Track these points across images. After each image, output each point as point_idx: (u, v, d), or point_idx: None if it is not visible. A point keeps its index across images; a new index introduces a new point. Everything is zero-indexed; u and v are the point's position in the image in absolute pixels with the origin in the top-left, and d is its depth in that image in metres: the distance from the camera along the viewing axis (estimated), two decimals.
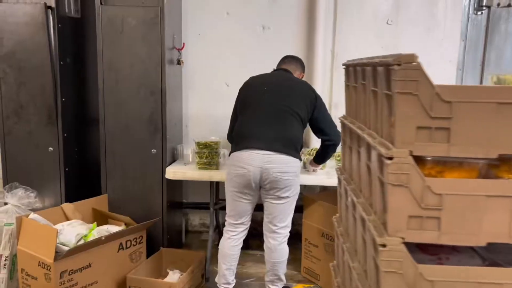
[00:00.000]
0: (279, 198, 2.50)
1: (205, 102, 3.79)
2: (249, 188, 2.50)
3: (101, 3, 2.88)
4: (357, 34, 3.66)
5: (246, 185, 2.49)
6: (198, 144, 2.95)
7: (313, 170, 2.99)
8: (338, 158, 3.17)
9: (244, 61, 3.73)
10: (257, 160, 2.43)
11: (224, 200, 2.72)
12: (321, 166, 3.00)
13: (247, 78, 3.71)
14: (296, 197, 2.60)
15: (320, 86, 3.63)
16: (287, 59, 2.85)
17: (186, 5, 3.60)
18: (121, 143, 3.02)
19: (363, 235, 1.21)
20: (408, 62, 0.98)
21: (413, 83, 0.95)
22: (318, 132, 2.68)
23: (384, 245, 0.95)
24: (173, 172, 2.96)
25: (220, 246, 2.71)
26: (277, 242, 2.60)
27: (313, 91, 2.67)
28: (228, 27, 3.70)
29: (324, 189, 3.64)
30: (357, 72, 1.40)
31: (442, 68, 3.69)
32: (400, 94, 0.93)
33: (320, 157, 2.85)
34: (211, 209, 3.18)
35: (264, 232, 2.65)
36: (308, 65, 3.68)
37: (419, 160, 0.91)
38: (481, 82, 3.77)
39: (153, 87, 2.95)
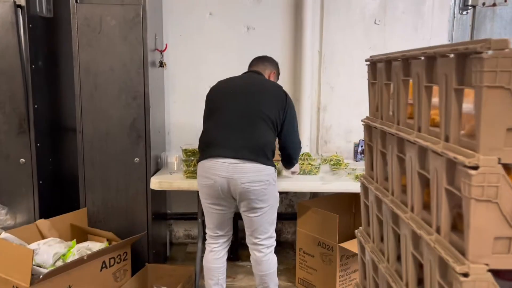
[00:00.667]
0: (254, 209, 2.30)
1: (188, 106, 3.60)
2: (220, 198, 2.30)
3: (76, 1, 2.66)
4: (344, 34, 3.56)
5: (216, 196, 2.29)
6: (185, 151, 2.76)
7: (292, 173, 2.79)
8: (332, 163, 3.04)
9: (228, 63, 3.56)
10: (223, 170, 2.22)
11: None
12: (298, 169, 2.80)
13: None
14: (276, 206, 2.40)
15: (309, 89, 3.51)
16: (255, 60, 2.68)
17: (167, 4, 3.42)
18: (101, 153, 2.80)
19: (417, 257, 1.03)
20: (499, 49, 0.79)
21: (505, 75, 0.77)
22: (282, 141, 2.46)
23: (466, 275, 0.78)
24: (158, 182, 2.75)
25: (203, 261, 2.53)
26: (262, 254, 2.41)
27: (285, 93, 2.44)
28: (211, 27, 3.53)
29: (314, 195, 3.52)
30: (394, 68, 1.23)
31: None
32: (488, 88, 0.76)
33: (285, 164, 2.62)
34: (199, 220, 2.99)
35: (248, 244, 2.47)
36: (296, 67, 3.56)
37: (505, 169, 0.76)
38: None
39: (135, 91, 2.75)
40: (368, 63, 1.51)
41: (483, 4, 3.62)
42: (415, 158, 1.03)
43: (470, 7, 3.64)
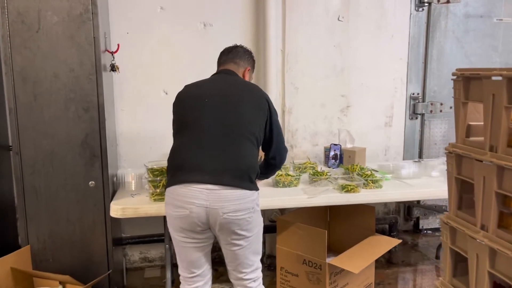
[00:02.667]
0: (237, 241, 1.91)
1: (139, 114, 3.17)
2: (196, 232, 1.90)
3: None
4: (308, 31, 3.34)
5: (191, 229, 1.89)
6: (151, 171, 2.36)
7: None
8: (312, 172, 2.81)
9: (183, 64, 3.19)
10: (201, 198, 1.82)
11: None
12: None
13: (187, 82, 3.16)
14: (260, 233, 2.04)
15: (274, 91, 3.24)
16: (224, 56, 2.21)
17: None
18: (45, 177, 2.31)
19: None
20: None
21: None
22: (265, 147, 2.13)
23: None
24: (121, 209, 2.32)
25: None
26: None
27: (265, 97, 2.10)
28: (162, 24, 3.12)
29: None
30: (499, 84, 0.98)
31: (394, 66, 3.55)
32: None
33: (263, 175, 2.27)
34: (167, 245, 2.61)
35: (231, 280, 2.07)
36: (259, 67, 3.27)
37: None
38: (424, 79, 3.72)
39: (87, 102, 2.29)
40: (455, 77, 1.25)
41: (438, 1, 3.61)
42: None
43: (425, 4, 3.61)
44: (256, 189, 1.98)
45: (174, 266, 3.12)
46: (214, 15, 3.17)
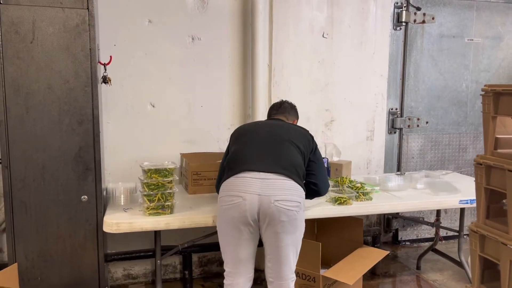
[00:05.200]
0: (284, 235, 2.05)
1: (126, 128, 3.12)
2: (246, 223, 2.04)
3: (0, 2, 2.07)
4: (294, 47, 3.41)
5: (242, 220, 2.03)
6: (147, 186, 2.32)
7: None
8: None
9: (171, 77, 3.18)
10: (254, 186, 2.02)
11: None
12: None
13: (175, 96, 3.19)
14: (301, 237, 2.17)
15: (262, 105, 3.28)
16: (274, 110, 2.59)
17: (98, 9, 2.89)
18: (36, 192, 2.23)
19: None
20: None
21: None
22: (309, 176, 2.32)
23: None
24: (116, 223, 2.27)
25: None
26: None
27: (311, 135, 2.41)
28: (150, 37, 3.11)
29: None
30: None
31: (375, 82, 3.67)
32: None
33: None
34: (158, 261, 2.56)
35: (269, 279, 2.18)
36: (246, 81, 3.32)
37: None
38: (402, 95, 3.86)
39: (81, 114, 2.24)
40: (484, 93, 1.31)
41: (414, 21, 3.78)
42: None
43: (403, 24, 3.77)
44: (304, 189, 2.16)
45: (163, 282, 3.08)
46: (202, 29, 3.19)
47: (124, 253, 3.10)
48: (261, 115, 3.25)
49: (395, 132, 3.87)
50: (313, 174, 2.30)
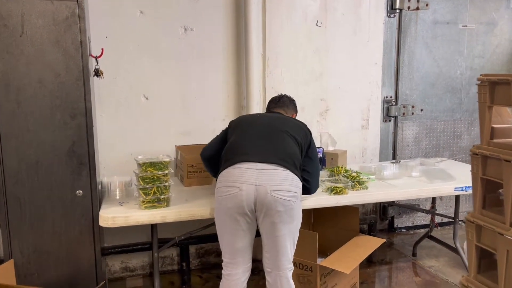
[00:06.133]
0: (281, 225, 2.06)
1: (119, 121, 3.10)
2: (243, 214, 2.05)
3: None
4: (287, 36, 3.38)
5: (239, 210, 2.04)
6: (142, 179, 2.30)
7: None
8: None
9: (164, 69, 3.15)
10: (250, 177, 2.03)
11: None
12: None
13: (168, 88, 3.17)
14: (299, 227, 2.19)
15: (257, 96, 3.26)
16: (273, 104, 2.60)
17: (88, 1, 2.85)
18: (30, 187, 2.21)
19: None
20: None
21: None
22: (303, 172, 2.31)
23: None
24: (111, 218, 2.26)
25: None
26: (286, 280, 2.17)
27: (309, 129, 2.40)
28: (142, 28, 3.07)
29: None
30: None
31: (369, 70, 3.66)
32: None
33: None
34: (155, 254, 2.55)
35: (267, 269, 2.20)
36: (240, 72, 3.29)
37: None
38: (397, 83, 3.85)
39: (73, 108, 2.21)
40: (479, 82, 1.30)
41: (408, 7, 3.75)
42: None
43: (397, 11, 3.74)
44: (301, 180, 2.16)
45: (160, 274, 3.08)
46: (195, 19, 3.15)
47: (121, 246, 3.10)
48: (256, 105, 3.24)
49: (390, 120, 3.87)
50: (307, 171, 2.29)
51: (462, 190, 2.74)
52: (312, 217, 3.20)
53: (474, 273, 1.50)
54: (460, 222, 3.30)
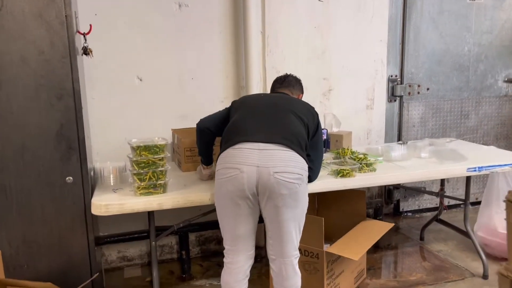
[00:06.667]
0: (286, 210, 1.92)
1: (112, 104, 2.94)
2: (244, 197, 1.91)
3: None
4: (287, 12, 3.21)
5: (240, 194, 1.90)
6: (136, 164, 2.15)
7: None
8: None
9: (158, 48, 2.98)
10: (252, 157, 1.89)
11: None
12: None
13: (163, 69, 3.00)
14: (305, 211, 2.05)
15: (257, 75, 3.10)
16: (278, 84, 2.44)
17: None
18: (16, 174, 2.06)
19: None
20: None
21: None
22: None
23: None
24: (104, 205, 2.11)
25: (222, 283, 2.10)
26: (291, 267, 2.05)
27: (316, 112, 2.25)
28: (134, 5, 2.90)
29: None
30: None
31: (374, 47, 3.49)
32: None
33: None
34: (153, 243, 2.41)
35: (271, 256, 2.08)
36: (238, 51, 3.13)
37: None
38: (402, 61, 3.69)
39: (60, 88, 2.05)
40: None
41: None
42: None
43: None
44: (307, 161, 2.02)
45: (159, 263, 2.96)
46: None
47: (117, 235, 2.97)
48: (256, 86, 3.08)
49: (395, 100, 3.72)
50: (310, 158, 2.15)
51: (475, 170, 2.60)
52: (316, 202, 3.07)
53: None
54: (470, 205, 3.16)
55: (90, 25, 2.34)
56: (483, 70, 3.92)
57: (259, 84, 3.13)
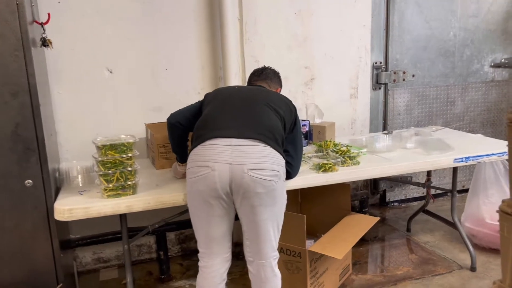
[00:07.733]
0: (261, 209, 1.80)
1: (81, 98, 2.77)
2: (217, 197, 1.79)
3: None
4: None
5: (211, 193, 1.78)
6: (102, 164, 1.99)
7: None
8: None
9: (129, 37, 2.81)
10: (224, 154, 1.76)
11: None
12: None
13: (135, 59, 2.83)
14: (283, 208, 1.93)
15: (235, 65, 2.94)
16: (256, 76, 2.32)
17: None
18: None
19: None
20: None
21: None
22: (285, 154, 2.04)
23: None
24: (68, 210, 1.95)
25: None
26: (270, 269, 1.92)
27: (294, 106, 2.12)
28: None
29: None
30: None
31: (357, 33, 3.35)
32: None
33: None
34: (126, 246, 2.27)
35: (248, 258, 1.96)
36: (215, 39, 2.96)
37: None
38: (386, 47, 3.56)
39: (14, 84, 1.87)
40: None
41: None
42: None
43: None
44: (283, 157, 1.90)
45: (133, 265, 2.82)
46: None
47: (91, 236, 2.83)
48: (234, 76, 2.92)
49: (380, 88, 3.59)
50: (289, 154, 2.03)
51: (462, 161, 2.49)
52: (299, 196, 2.95)
53: (510, 279, 1.17)
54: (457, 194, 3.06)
55: (49, 14, 2.16)
56: (469, 55, 3.81)
57: (237, 74, 2.97)
